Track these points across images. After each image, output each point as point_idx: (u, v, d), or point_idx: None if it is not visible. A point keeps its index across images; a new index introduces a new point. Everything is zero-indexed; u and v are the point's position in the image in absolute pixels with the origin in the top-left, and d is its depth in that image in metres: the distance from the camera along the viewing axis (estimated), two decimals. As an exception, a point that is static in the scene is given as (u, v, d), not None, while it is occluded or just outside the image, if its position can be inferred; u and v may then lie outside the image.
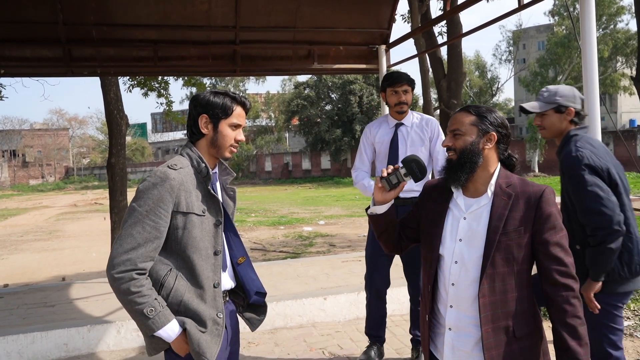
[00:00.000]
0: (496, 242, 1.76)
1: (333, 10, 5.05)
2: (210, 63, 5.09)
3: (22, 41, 4.57)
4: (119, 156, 7.82)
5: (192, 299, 1.91)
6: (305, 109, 41.95)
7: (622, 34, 37.05)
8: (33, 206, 28.38)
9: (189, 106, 2.07)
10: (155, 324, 1.81)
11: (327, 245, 10.39)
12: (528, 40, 55.83)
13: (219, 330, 1.96)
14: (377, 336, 3.74)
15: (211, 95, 2.01)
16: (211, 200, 1.98)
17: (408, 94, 3.57)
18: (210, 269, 1.96)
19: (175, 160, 1.97)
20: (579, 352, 1.72)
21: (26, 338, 4.09)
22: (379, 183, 1.97)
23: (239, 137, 2.04)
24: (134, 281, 1.79)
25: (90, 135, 68.20)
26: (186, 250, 1.90)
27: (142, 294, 1.79)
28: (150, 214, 1.83)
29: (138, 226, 1.82)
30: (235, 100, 2.03)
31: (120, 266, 1.79)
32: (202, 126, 2.00)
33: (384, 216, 2.03)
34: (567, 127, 2.56)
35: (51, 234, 15.03)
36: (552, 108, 2.54)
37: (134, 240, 1.81)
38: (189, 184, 1.93)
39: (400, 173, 1.94)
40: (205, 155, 2.02)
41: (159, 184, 1.86)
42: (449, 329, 1.85)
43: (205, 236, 1.95)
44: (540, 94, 2.59)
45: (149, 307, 1.80)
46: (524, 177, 1.91)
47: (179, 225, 1.89)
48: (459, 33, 8.35)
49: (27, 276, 8.48)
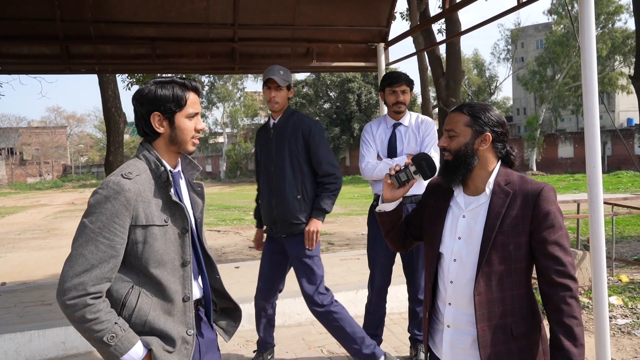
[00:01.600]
0: (492, 240, 1.75)
1: (332, 8, 5.04)
2: (209, 61, 5.08)
3: (19, 38, 4.55)
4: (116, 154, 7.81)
5: (157, 318, 1.73)
6: (304, 107, 41.94)
7: (620, 33, 37.10)
8: (31, 204, 28.33)
9: (133, 103, 1.82)
10: (117, 350, 1.63)
11: (325, 243, 10.39)
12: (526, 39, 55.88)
13: (188, 350, 1.78)
14: (375, 335, 3.74)
15: (158, 88, 1.78)
16: (174, 207, 1.77)
17: (406, 94, 3.57)
18: (179, 282, 1.78)
19: (130, 166, 1.74)
20: (573, 353, 1.69)
21: (23, 336, 4.08)
22: (388, 180, 1.95)
23: (198, 126, 1.83)
24: (89, 307, 1.59)
25: (88, 133, 68.16)
26: (149, 266, 1.71)
27: (100, 319, 1.61)
28: (103, 231, 1.63)
29: (90, 245, 1.62)
30: (186, 87, 1.80)
31: (72, 291, 1.59)
32: (156, 125, 1.77)
33: (393, 214, 2.02)
34: None
35: (49, 232, 15.00)
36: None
37: (86, 262, 1.61)
38: (147, 192, 1.72)
39: (410, 170, 1.92)
40: (165, 154, 1.82)
41: (112, 197, 1.65)
42: (448, 326, 1.85)
43: (170, 247, 1.75)
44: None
45: (109, 333, 1.61)
46: (524, 175, 1.90)
47: (139, 240, 1.69)
48: (457, 31, 8.34)
49: (24, 274, 8.47)
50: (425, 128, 3.57)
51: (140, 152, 1.81)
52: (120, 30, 4.73)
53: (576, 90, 38.12)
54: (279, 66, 3.40)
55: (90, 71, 5.13)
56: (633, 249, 8.34)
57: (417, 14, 9.07)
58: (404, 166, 1.94)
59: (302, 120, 3.43)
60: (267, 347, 3.78)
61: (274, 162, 3.42)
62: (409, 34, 5.22)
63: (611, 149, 35.12)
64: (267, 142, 3.48)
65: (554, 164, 36.99)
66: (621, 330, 4.40)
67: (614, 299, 5.08)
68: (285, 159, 3.37)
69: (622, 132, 34.60)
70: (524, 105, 59.35)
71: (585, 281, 5.30)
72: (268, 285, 3.58)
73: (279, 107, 3.42)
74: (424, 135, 3.54)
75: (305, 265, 3.41)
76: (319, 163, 3.38)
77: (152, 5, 4.59)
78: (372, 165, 3.53)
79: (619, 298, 5.14)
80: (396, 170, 1.94)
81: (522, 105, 60.30)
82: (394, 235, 2.08)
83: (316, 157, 3.38)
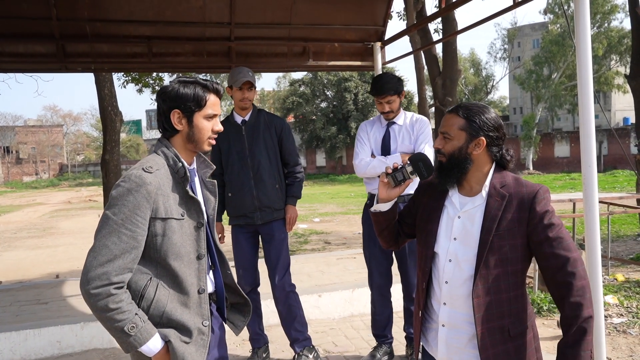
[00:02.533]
0: (489, 243, 1.75)
1: (328, 7, 5.03)
2: (205, 59, 5.07)
3: (15, 36, 4.53)
4: (113, 153, 7.80)
5: (175, 309, 1.80)
6: (301, 106, 41.90)
7: (616, 33, 37.14)
8: (27, 203, 28.24)
9: (156, 100, 1.90)
10: (137, 340, 1.69)
11: (322, 242, 10.39)
12: (523, 38, 56.00)
13: (205, 341, 1.86)
14: (383, 336, 3.76)
15: (180, 87, 1.84)
16: (190, 202, 1.85)
17: (392, 102, 3.53)
18: (194, 274, 1.85)
19: (150, 161, 1.82)
20: (586, 347, 1.67)
21: (19, 335, 4.07)
22: (384, 178, 1.95)
23: (216, 127, 1.90)
24: (112, 297, 1.65)
25: (84, 132, 67.98)
26: (167, 258, 1.78)
27: (122, 309, 1.66)
28: (126, 223, 1.69)
29: (113, 236, 1.68)
30: (207, 88, 1.87)
31: (96, 281, 1.64)
32: (175, 122, 1.85)
33: (387, 213, 2.02)
34: None
35: (45, 231, 14.97)
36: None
37: (109, 252, 1.67)
38: (166, 186, 1.80)
39: (406, 170, 1.92)
40: (182, 151, 1.89)
41: (134, 189, 1.71)
42: (443, 325, 1.86)
43: (187, 240, 1.83)
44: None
45: (129, 323, 1.67)
46: (519, 176, 1.91)
47: (158, 232, 1.77)
48: (454, 30, 8.35)
49: (20, 273, 8.44)
50: (420, 126, 3.57)
51: (158, 147, 1.88)
52: (117, 29, 4.72)
53: (572, 90, 38.16)
54: (247, 68, 3.68)
55: (86, 70, 5.11)
56: (629, 248, 8.37)
57: (413, 13, 9.08)
58: (400, 165, 1.94)
59: (272, 117, 3.80)
60: (260, 342, 3.82)
61: (250, 155, 3.66)
62: (405, 33, 5.22)
63: (607, 148, 35.22)
64: (239, 138, 3.69)
65: (551, 163, 37.08)
66: (617, 329, 4.42)
67: (609, 297, 5.10)
68: (262, 152, 3.66)
69: (618, 131, 34.69)
70: (521, 105, 59.48)
71: (580, 280, 5.31)
72: (250, 271, 3.78)
73: (249, 105, 3.70)
74: (418, 134, 3.54)
75: (284, 247, 3.75)
76: (290, 154, 3.79)
77: (149, 4, 4.58)
78: (365, 162, 3.57)
79: (614, 297, 5.16)
80: (393, 169, 1.94)
81: (518, 104, 60.45)
82: (387, 234, 2.08)
83: (287, 150, 3.77)
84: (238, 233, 3.76)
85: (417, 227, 2.00)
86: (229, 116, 3.78)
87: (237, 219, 3.74)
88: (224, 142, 3.68)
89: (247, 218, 3.68)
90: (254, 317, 3.81)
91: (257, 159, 3.65)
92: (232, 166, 3.69)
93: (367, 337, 4.26)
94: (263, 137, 3.68)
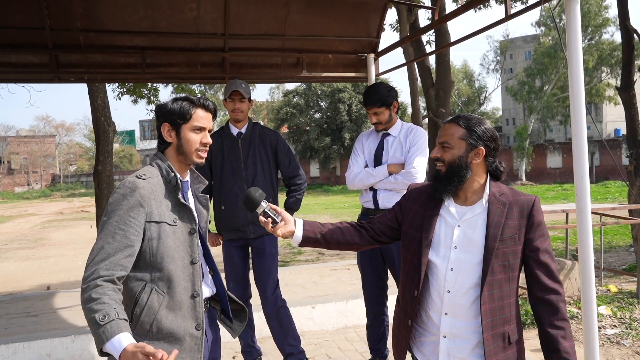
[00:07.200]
0: (495, 250, 1.79)
1: (322, 19, 5.06)
2: (199, 70, 5.07)
3: (7, 46, 4.52)
4: (105, 163, 7.75)
5: (165, 316, 1.86)
6: (295, 117, 41.96)
7: (607, 45, 37.59)
8: (18, 214, 28.02)
9: (155, 116, 2.10)
10: (105, 332, 1.61)
11: (315, 253, 10.36)
12: (515, 50, 56.47)
13: (198, 345, 1.92)
14: (378, 349, 3.73)
15: (171, 103, 2.02)
16: (182, 209, 1.96)
17: (380, 114, 3.51)
18: (189, 279, 1.93)
19: (145, 170, 1.96)
20: (570, 353, 1.79)
21: (8, 349, 4.01)
22: (262, 219, 1.96)
23: (204, 140, 2.02)
24: (97, 288, 1.69)
25: (77, 142, 67.65)
26: (163, 261, 1.87)
27: (101, 300, 1.66)
28: (120, 224, 1.80)
29: (108, 237, 1.78)
30: (194, 103, 2.01)
31: (88, 278, 1.72)
32: (165, 135, 2.01)
33: (308, 241, 2.00)
34: None
35: (36, 242, 14.84)
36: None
37: (104, 252, 1.76)
38: (159, 193, 1.91)
39: (270, 214, 1.96)
40: (175, 163, 2.02)
41: (128, 194, 1.84)
42: (444, 336, 1.85)
43: (180, 246, 1.92)
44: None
45: (103, 314, 1.64)
46: (512, 186, 1.96)
47: (154, 236, 1.86)
48: (447, 42, 8.41)
49: (11, 285, 8.35)
50: (413, 138, 3.54)
51: (153, 160, 2.03)
52: (110, 40, 4.71)
53: (564, 101, 38.46)
54: (240, 80, 3.70)
55: (79, 80, 5.10)
56: (621, 259, 8.40)
57: (406, 25, 9.13)
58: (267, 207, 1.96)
59: (267, 131, 3.80)
60: (252, 354, 3.78)
61: (246, 168, 3.66)
62: (398, 45, 5.25)
63: (599, 159, 35.44)
64: (234, 150, 3.68)
65: (543, 174, 37.26)
66: (610, 340, 4.41)
67: (602, 308, 5.10)
68: (257, 165, 3.67)
69: (610, 143, 34.95)
70: (513, 116, 59.84)
71: (574, 291, 5.32)
72: (242, 283, 3.77)
73: (242, 117, 3.68)
74: (410, 145, 3.52)
75: (275, 263, 3.73)
76: (291, 166, 3.78)
77: (142, 14, 4.59)
78: (354, 174, 3.59)
79: (607, 308, 5.16)
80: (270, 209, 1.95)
81: (511, 115, 60.81)
82: (337, 246, 2.05)
83: (283, 162, 3.76)
84: (229, 246, 3.75)
85: (403, 234, 1.99)
86: (223, 127, 3.76)
87: (229, 234, 3.70)
88: (217, 154, 3.66)
89: (240, 232, 3.66)
90: (247, 328, 3.78)
91: (252, 172, 3.64)
92: (225, 178, 3.65)
93: (362, 349, 4.23)
94: (258, 150, 3.68)
